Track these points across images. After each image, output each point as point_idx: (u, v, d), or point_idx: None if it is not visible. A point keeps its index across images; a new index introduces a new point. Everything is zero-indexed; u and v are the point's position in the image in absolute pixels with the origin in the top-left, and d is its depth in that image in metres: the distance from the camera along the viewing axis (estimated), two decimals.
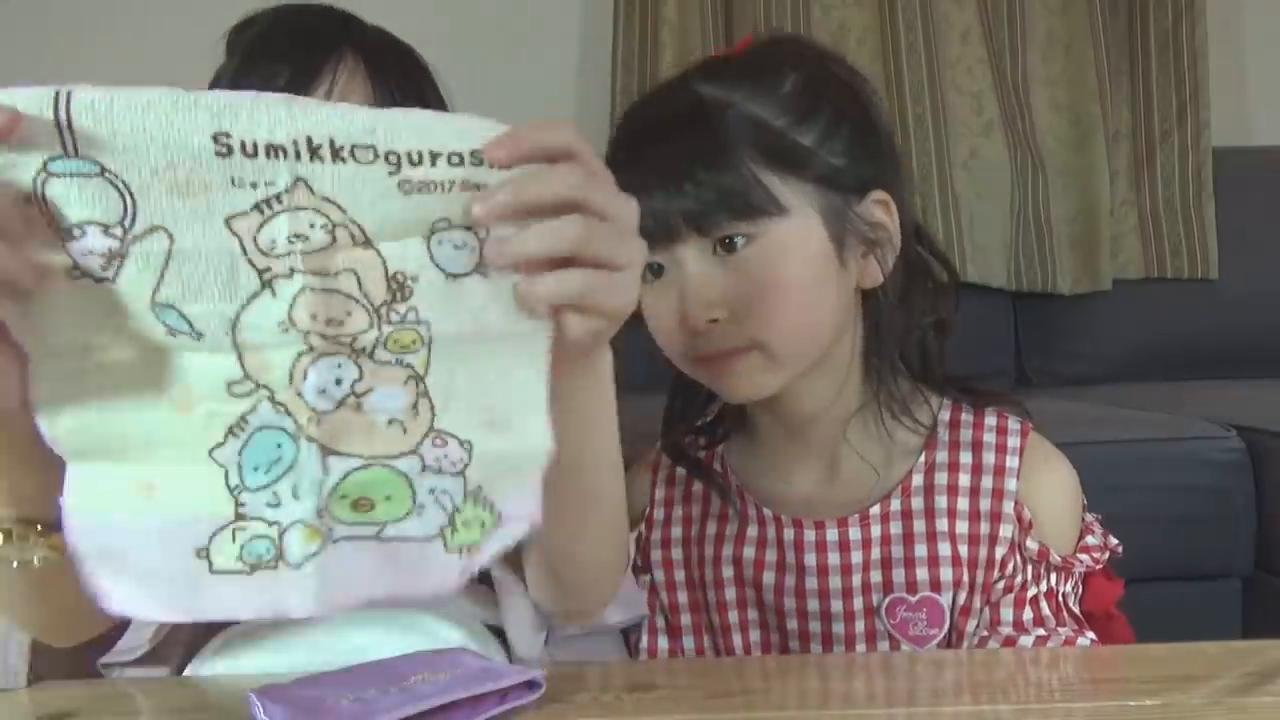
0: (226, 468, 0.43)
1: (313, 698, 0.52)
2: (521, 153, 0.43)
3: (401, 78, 0.74)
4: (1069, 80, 1.99)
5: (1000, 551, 0.74)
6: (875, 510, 0.76)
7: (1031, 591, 0.74)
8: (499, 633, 0.72)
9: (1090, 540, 0.77)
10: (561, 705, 0.55)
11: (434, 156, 0.41)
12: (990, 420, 0.77)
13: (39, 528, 0.49)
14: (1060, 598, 0.75)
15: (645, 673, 0.62)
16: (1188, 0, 1.99)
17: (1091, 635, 0.73)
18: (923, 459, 0.76)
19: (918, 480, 0.76)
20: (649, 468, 0.84)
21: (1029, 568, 0.74)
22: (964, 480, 0.75)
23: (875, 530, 0.75)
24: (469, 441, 0.46)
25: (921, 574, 0.74)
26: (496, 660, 0.64)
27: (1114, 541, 0.78)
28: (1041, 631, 0.73)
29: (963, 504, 0.75)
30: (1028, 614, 0.73)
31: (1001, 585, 0.74)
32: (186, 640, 0.70)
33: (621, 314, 0.48)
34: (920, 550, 0.74)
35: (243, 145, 0.40)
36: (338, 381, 0.44)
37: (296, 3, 0.77)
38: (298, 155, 0.40)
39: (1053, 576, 0.75)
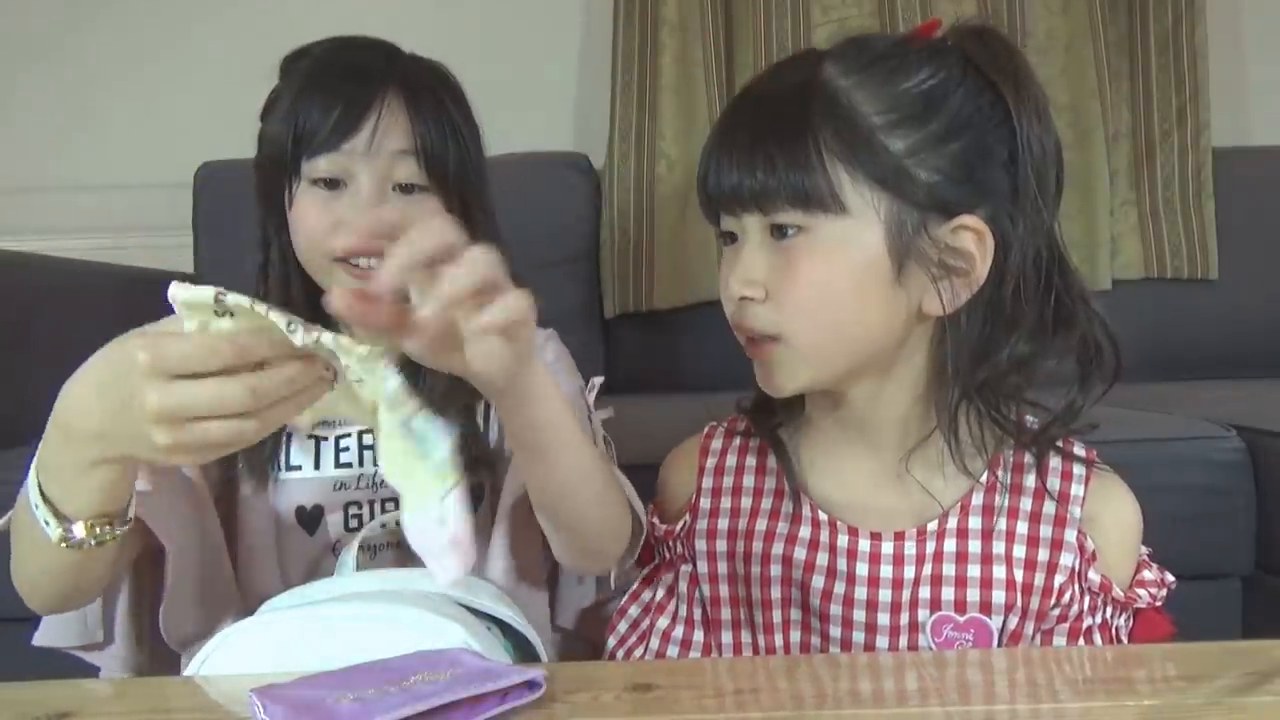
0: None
1: (313, 698, 0.52)
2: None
3: (440, 110, 0.82)
4: (1069, 80, 1.98)
5: (1059, 580, 0.72)
6: (932, 526, 0.74)
7: (1086, 623, 0.73)
8: (503, 627, 0.73)
9: (1147, 575, 0.75)
10: (561, 705, 0.55)
11: None
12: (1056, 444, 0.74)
13: (112, 522, 0.62)
14: (1114, 630, 0.74)
15: (645, 673, 0.62)
16: (1188, 0, 1.99)
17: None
18: (986, 477, 0.74)
19: (978, 500, 0.74)
20: (698, 453, 0.83)
21: (1086, 599, 0.73)
22: (1026, 504, 0.73)
23: (930, 546, 0.73)
24: None
25: (973, 595, 0.72)
26: (496, 660, 0.64)
27: (1170, 579, 0.76)
28: None
29: (1023, 528, 0.73)
30: (1081, 645, 0.72)
31: (1057, 613, 0.72)
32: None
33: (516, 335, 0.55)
34: (974, 571, 0.72)
35: None
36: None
37: (345, 36, 0.85)
38: None
39: (1109, 610, 0.73)
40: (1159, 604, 0.75)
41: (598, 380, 0.93)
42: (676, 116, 1.92)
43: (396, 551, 0.84)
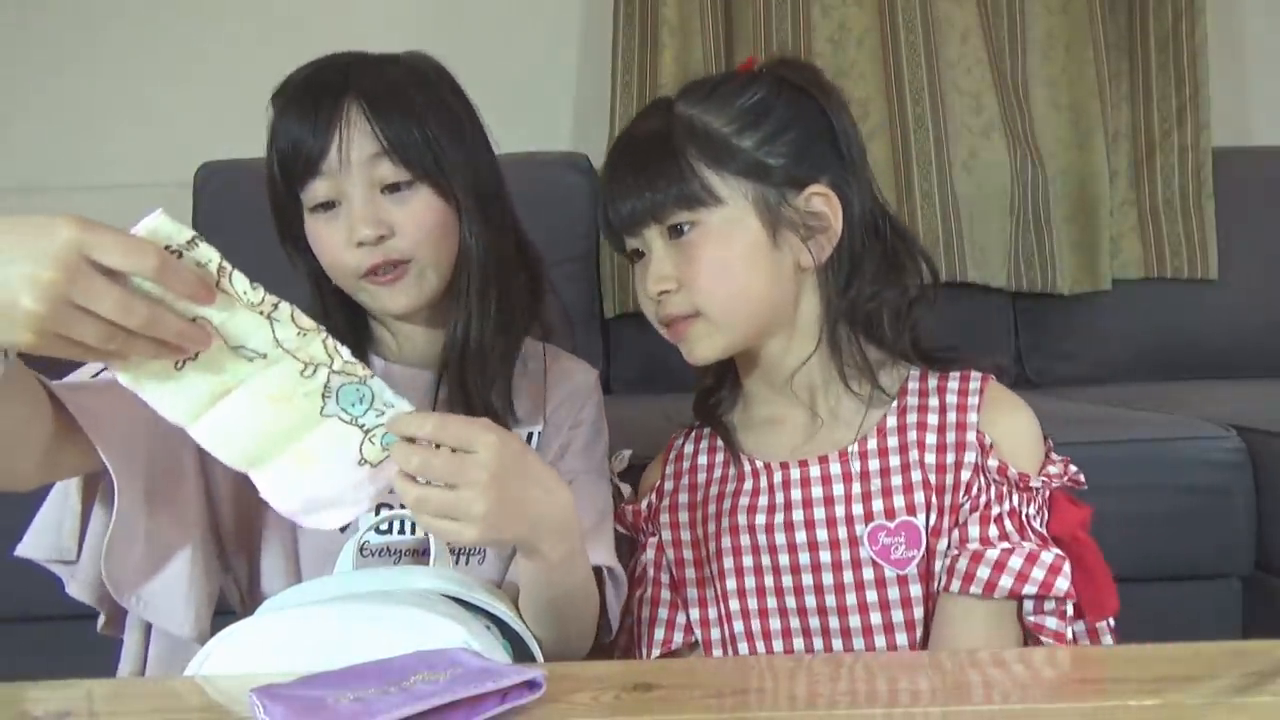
0: (339, 415, 0.65)
1: (313, 697, 0.52)
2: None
3: (397, 103, 0.82)
4: (1069, 80, 1.99)
5: (965, 475, 0.83)
6: (853, 448, 0.87)
7: (995, 510, 0.81)
8: (501, 626, 0.73)
9: (1051, 469, 0.84)
10: (561, 705, 0.55)
11: None
12: (955, 372, 0.88)
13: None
14: (1024, 517, 0.82)
15: (645, 673, 0.62)
16: (1188, 0, 1.99)
17: (1057, 551, 0.80)
18: (895, 404, 0.88)
19: (891, 422, 0.87)
20: (665, 451, 0.98)
21: (992, 489, 0.82)
22: (932, 419, 0.86)
23: (855, 466, 0.86)
24: None
25: (898, 501, 0.84)
26: (496, 660, 0.64)
27: (1074, 469, 0.85)
28: (1006, 545, 0.79)
29: (931, 438, 0.85)
30: (993, 530, 0.81)
31: (967, 505, 0.82)
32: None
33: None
34: (895, 480, 0.85)
35: None
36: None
37: (315, 60, 0.85)
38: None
39: (1015, 497, 0.82)
40: (1059, 487, 0.84)
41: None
42: None
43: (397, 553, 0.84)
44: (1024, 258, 1.95)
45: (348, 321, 0.88)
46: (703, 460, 0.94)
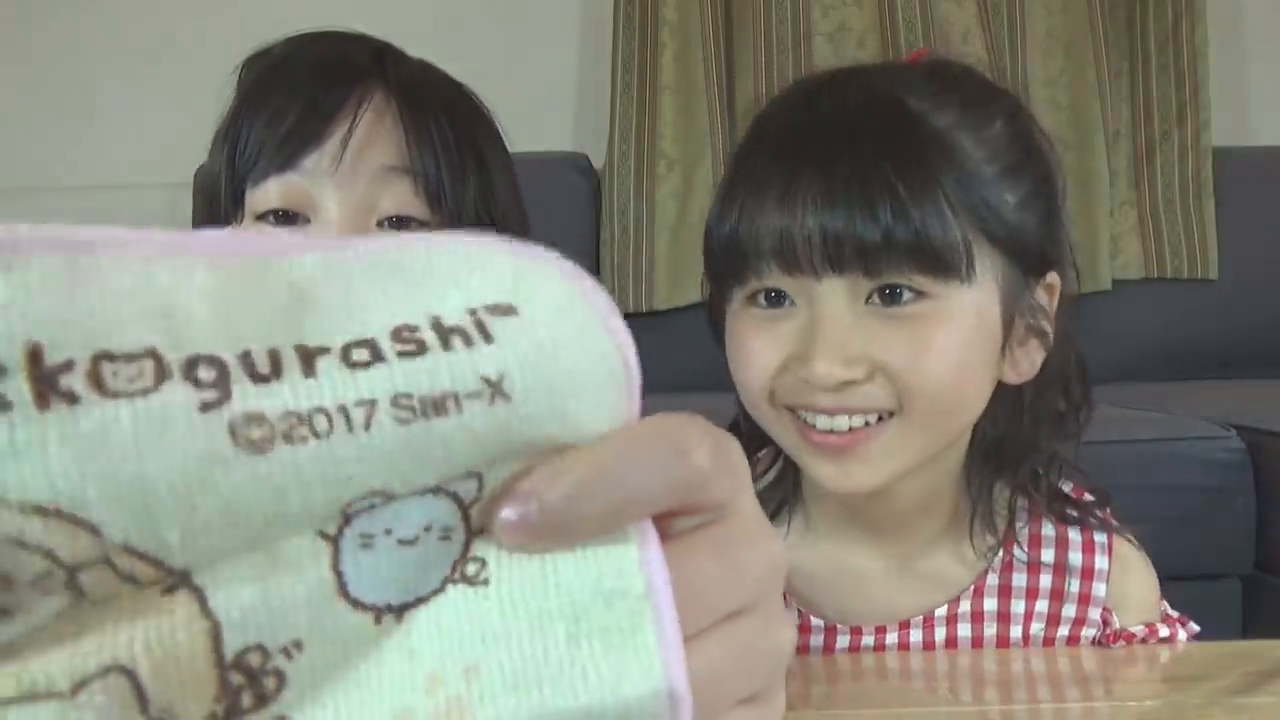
0: None
1: None
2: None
3: (449, 122, 0.62)
4: (1069, 80, 1.98)
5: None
6: (941, 612, 0.66)
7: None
8: None
9: (1164, 631, 0.68)
10: None
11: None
12: (1088, 515, 0.68)
13: None
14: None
15: None
16: (1187, 0, 1.99)
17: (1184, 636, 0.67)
18: (1000, 557, 0.67)
19: (992, 580, 0.67)
20: None
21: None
22: (1046, 582, 0.66)
23: (940, 633, 0.66)
24: None
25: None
26: None
27: (1181, 635, 0.68)
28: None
29: (1043, 606, 0.67)
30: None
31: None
32: None
33: None
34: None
35: None
36: None
37: (323, 30, 0.65)
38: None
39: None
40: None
41: None
42: (676, 116, 1.92)
43: None
44: None
45: None
46: None
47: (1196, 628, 0.70)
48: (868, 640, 0.66)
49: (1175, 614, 0.71)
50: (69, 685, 0.17)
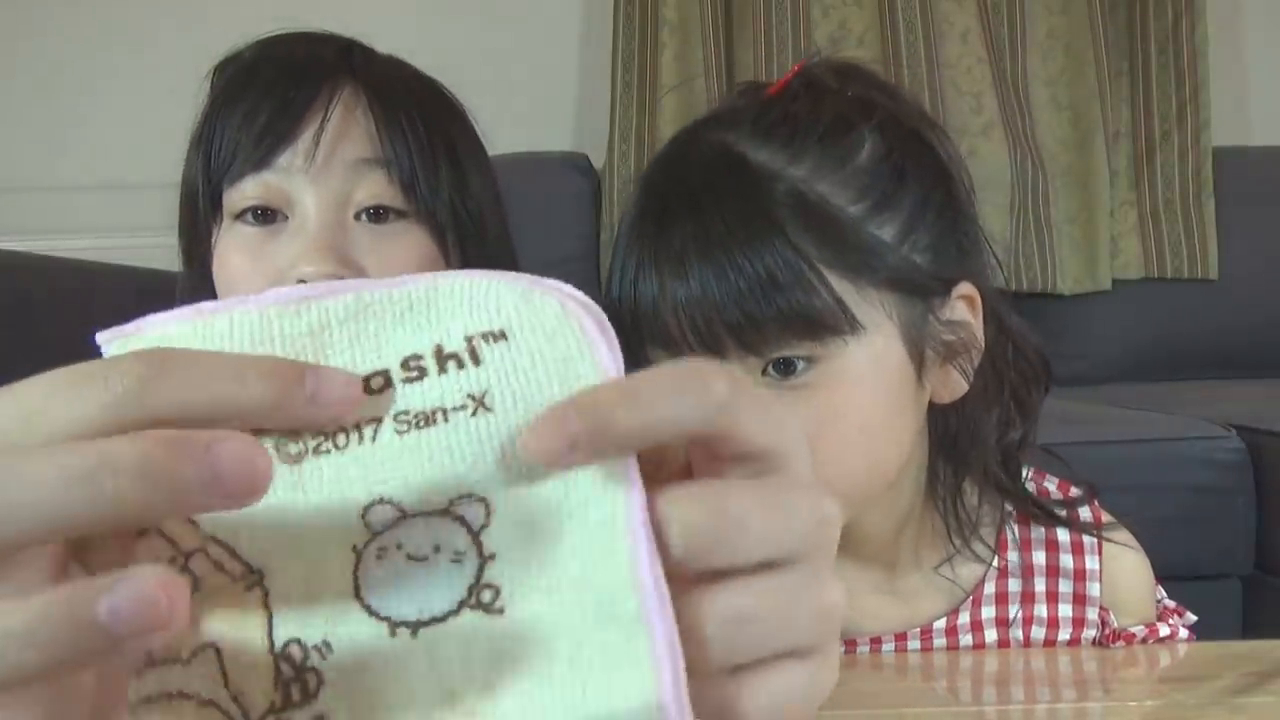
0: None
1: None
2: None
3: (419, 113, 0.62)
4: (1069, 80, 1.98)
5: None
6: (940, 624, 0.66)
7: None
8: None
9: (1164, 629, 0.68)
10: None
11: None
12: (1060, 513, 0.68)
13: None
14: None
15: None
16: (1187, 0, 1.99)
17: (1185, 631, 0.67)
18: (995, 564, 0.66)
19: (989, 589, 0.66)
20: None
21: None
22: (1041, 585, 0.66)
23: (939, 644, 0.66)
24: None
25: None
26: None
27: (1183, 632, 0.68)
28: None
29: (1041, 611, 0.67)
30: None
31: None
32: None
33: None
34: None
35: None
36: None
37: (291, 32, 0.66)
38: None
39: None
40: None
41: None
42: (676, 116, 1.91)
43: None
44: (1024, 257, 1.95)
45: None
46: None
47: (1193, 617, 0.70)
48: (863, 652, 0.67)
49: (1172, 604, 0.71)
50: (187, 654, 0.21)
